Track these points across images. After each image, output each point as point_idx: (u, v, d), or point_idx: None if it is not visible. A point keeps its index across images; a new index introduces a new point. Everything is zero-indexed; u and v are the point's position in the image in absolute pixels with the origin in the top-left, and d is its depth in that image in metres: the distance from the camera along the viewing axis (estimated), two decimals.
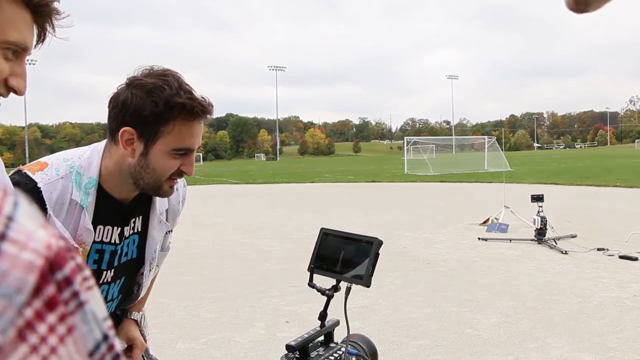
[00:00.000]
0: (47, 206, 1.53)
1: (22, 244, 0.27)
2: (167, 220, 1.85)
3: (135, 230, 1.77)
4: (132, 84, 1.54)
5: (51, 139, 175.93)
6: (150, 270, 1.86)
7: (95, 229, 1.63)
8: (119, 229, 1.71)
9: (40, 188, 1.54)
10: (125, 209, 1.71)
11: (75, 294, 0.30)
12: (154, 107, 1.51)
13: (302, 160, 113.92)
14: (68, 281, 0.29)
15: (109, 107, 1.58)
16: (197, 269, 8.22)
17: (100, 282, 1.72)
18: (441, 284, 7.08)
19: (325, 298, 1.57)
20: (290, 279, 7.32)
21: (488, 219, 11.86)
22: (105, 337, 0.33)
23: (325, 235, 1.63)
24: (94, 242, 1.65)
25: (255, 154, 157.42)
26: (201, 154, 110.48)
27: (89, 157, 1.64)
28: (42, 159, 1.64)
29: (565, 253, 8.72)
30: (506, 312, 5.84)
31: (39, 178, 1.55)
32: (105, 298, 1.74)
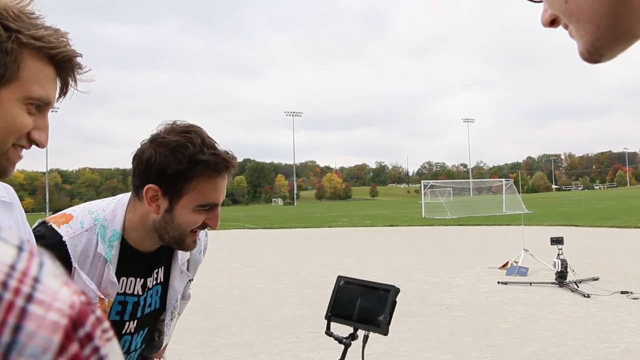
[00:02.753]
0: (72, 259, 1.54)
1: (47, 304, 0.28)
2: (188, 270, 1.86)
3: (158, 281, 1.78)
4: (156, 141, 1.56)
5: (71, 184, 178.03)
6: (172, 318, 1.87)
7: (118, 280, 1.63)
8: (142, 280, 1.72)
9: (65, 242, 1.55)
10: (148, 260, 1.72)
11: (96, 350, 0.30)
12: (177, 166, 1.52)
13: (319, 205, 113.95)
14: (89, 337, 0.30)
15: (132, 163, 1.61)
16: (214, 314, 8.19)
17: (123, 332, 1.71)
18: (461, 329, 6.97)
19: (342, 347, 1.56)
20: (307, 324, 7.25)
21: (507, 263, 11.72)
22: None
23: (342, 283, 1.64)
24: (118, 293, 1.65)
25: (273, 199, 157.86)
26: None
27: (113, 210, 1.66)
28: (67, 211, 1.66)
29: (588, 296, 8.57)
30: (528, 358, 5.72)
31: (64, 231, 1.56)
32: (129, 349, 1.74)
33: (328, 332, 1.57)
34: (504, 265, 11.71)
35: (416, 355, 5.99)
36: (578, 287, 9.17)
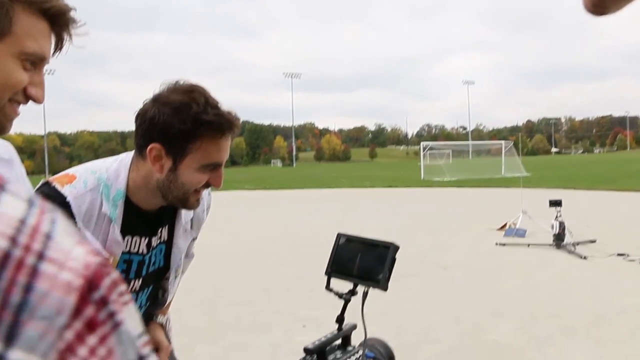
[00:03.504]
0: (77, 219, 1.54)
1: (60, 263, 0.27)
2: (191, 228, 1.87)
3: (162, 240, 1.79)
4: (159, 100, 1.55)
5: (70, 146, 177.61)
6: (175, 277, 1.89)
7: (123, 239, 1.64)
8: (147, 239, 1.73)
9: (69, 202, 1.54)
10: (152, 219, 1.73)
11: (112, 315, 0.29)
12: (181, 125, 1.52)
13: (318, 167, 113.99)
14: (105, 300, 0.29)
15: (135, 122, 1.60)
16: (215, 274, 8.26)
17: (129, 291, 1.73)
18: (459, 289, 7.05)
19: (342, 302, 1.58)
20: (307, 283, 7.32)
21: (506, 224, 11.79)
22: (140, 358, 0.32)
23: (343, 240, 1.64)
24: (123, 252, 1.66)
25: (272, 160, 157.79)
26: None
27: (117, 170, 1.65)
28: (70, 171, 1.66)
29: (585, 258, 8.64)
30: (525, 318, 5.79)
31: (68, 191, 1.56)
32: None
33: (328, 288, 1.58)
34: (502, 227, 11.78)
35: (414, 314, 6.06)
36: (575, 249, 9.24)
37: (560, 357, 4.71)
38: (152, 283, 1.82)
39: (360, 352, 1.54)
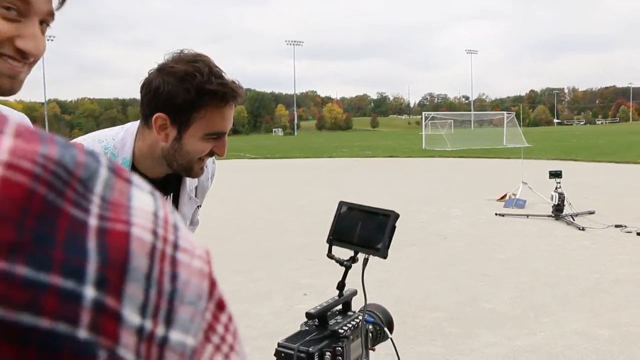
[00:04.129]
0: None
1: (190, 252, 0.29)
2: (196, 196, 1.92)
3: None
4: (164, 70, 1.58)
5: (70, 114, 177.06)
6: None
7: None
8: None
9: None
10: (157, 187, 1.76)
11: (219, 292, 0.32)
12: (186, 95, 1.55)
13: (320, 135, 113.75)
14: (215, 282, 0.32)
15: (141, 92, 1.63)
16: (216, 242, 8.35)
17: None
18: (458, 259, 7.14)
19: (343, 269, 1.63)
20: (308, 252, 7.41)
21: (506, 195, 11.86)
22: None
23: (344, 208, 1.69)
24: None
25: (273, 129, 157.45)
26: None
27: (123, 139, 1.70)
28: (77, 140, 1.70)
29: (583, 229, 8.72)
30: (522, 287, 5.89)
31: None
32: None
33: (330, 255, 1.63)
34: (502, 198, 11.85)
35: (413, 283, 6.16)
36: (574, 220, 9.32)
37: (555, 325, 4.81)
38: None
39: (360, 317, 1.60)
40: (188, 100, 1.56)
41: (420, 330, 4.78)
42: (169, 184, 1.81)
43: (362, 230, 1.63)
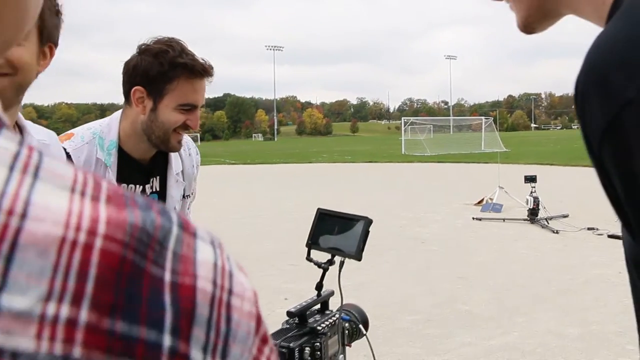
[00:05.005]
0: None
1: (241, 296, 0.35)
2: (183, 180, 2.07)
3: (154, 190, 1.99)
4: (141, 49, 1.79)
5: (47, 119, 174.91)
6: None
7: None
8: (141, 187, 1.94)
9: (69, 153, 1.75)
10: (144, 168, 1.94)
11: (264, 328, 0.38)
12: (160, 68, 1.75)
13: (300, 140, 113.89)
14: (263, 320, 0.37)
15: (122, 73, 1.83)
16: None
17: None
18: (435, 262, 7.30)
19: (321, 271, 1.76)
20: (288, 258, 7.52)
21: (483, 199, 12.07)
22: None
23: (322, 215, 1.82)
24: None
25: (253, 134, 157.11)
26: (198, 134, 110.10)
27: (109, 124, 1.88)
28: (70, 131, 1.89)
29: (557, 232, 8.94)
30: (497, 289, 6.06)
31: (67, 145, 1.77)
32: None
33: (308, 259, 1.76)
34: (480, 202, 12.06)
35: (391, 286, 6.30)
36: (548, 223, 9.55)
37: (528, 324, 4.98)
38: None
39: (337, 316, 1.73)
40: (161, 72, 1.75)
41: (398, 332, 4.92)
42: (155, 166, 1.97)
43: (338, 235, 1.76)
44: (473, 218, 10.53)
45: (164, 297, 0.30)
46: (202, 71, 1.79)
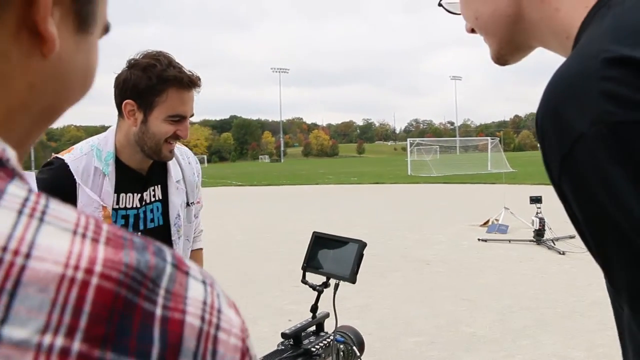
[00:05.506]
0: (75, 177, 1.86)
1: (228, 330, 0.37)
2: (185, 188, 2.14)
3: (157, 198, 2.06)
4: (130, 64, 1.86)
5: (56, 141, 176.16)
6: (179, 237, 2.11)
7: (118, 197, 1.94)
8: (139, 195, 2.01)
9: (68, 164, 1.86)
10: (142, 177, 2.01)
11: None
12: (148, 82, 1.82)
13: (306, 162, 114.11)
14: (249, 350, 0.40)
15: (114, 87, 1.91)
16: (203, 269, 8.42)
17: None
18: (440, 284, 7.27)
19: (316, 293, 1.77)
20: (292, 279, 7.50)
21: (488, 220, 12.03)
22: None
23: (317, 238, 1.84)
24: (120, 208, 1.95)
25: (259, 156, 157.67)
26: (205, 156, 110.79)
27: (105, 137, 1.97)
28: (71, 147, 1.99)
29: (563, 254, 8.89)
30: (502, 311, 6.02)
31: (67, 157, 1.89)
32: None
33: (304, 281, 1.77)
34: (485, 223, 12.02)
35: (396, 308, 6.27)
36: (554, 244, 9.49)
37: (533, 347, 4.94)
38: None
39: (332, 337, 1.73)
40: (150, 85, 1.83)
41: (401, 354, 4.89)
42: (154, 176, 2.05)
43: (333, 258, 1.77)
44: (479, 239, 10.48)
45: (154, 330, 0.33)
46: (190, 83, 1.88)
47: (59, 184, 1.83)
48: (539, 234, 9.78)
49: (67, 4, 0.42)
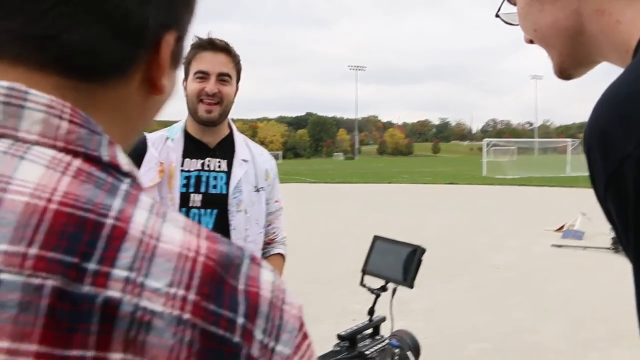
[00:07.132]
0: (148, 142, 2.17)
1: (291, 304, 0.51)
2: (254, 169, 2.32)
3: (221, 169, 2.26)
4: None
5: None
6: (237, 210, 2.23)
7: (183, 161, 2.21)
8: (202, 161, 2.24)
9: (145, 136, 2.21)
10: (207, 148, 2.26)
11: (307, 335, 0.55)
12: (187, 54, 2.13)
13: (381, 160, 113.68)
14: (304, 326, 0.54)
15: None
16: None
17: (190, 205, 2.19)
18: (509, 290, 7.14)
19: (374, 296, 1.82)
20: (358, 280, 7.54)
21: (563, 226, 11.69)
22: None
23: (377, 242, 1.88)
24: (182, 170, 2.20)
25: (334, 153, 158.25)
26: (281, 152, 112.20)
27: (179, 123, 2.32)
28: (147, 134, 2.28)
29: None
30: (572, 321, 5.87)
31: (146, 134, 2.22)
32: (199, 222, 2.13)
33: (362, 284, 1.82)
34: (560, 228, 11.69)
35: (462, 312, 6.22)
36: None
37: None
38: (214, 207, 2.21)
39: (387, 341, 1.77)
40: (188, 56, 2.17)
41: None
42: (221, 150, 2.27)
43: (392, 262, 1.81)
44: (552, 245, 10.21)
45: (239, 297, 0.47)
46: (209, 44, 2.16)
47: (136, 147, 2.09)
48: (616, 242, 9.42)
49: (172, 51, 0.56)
